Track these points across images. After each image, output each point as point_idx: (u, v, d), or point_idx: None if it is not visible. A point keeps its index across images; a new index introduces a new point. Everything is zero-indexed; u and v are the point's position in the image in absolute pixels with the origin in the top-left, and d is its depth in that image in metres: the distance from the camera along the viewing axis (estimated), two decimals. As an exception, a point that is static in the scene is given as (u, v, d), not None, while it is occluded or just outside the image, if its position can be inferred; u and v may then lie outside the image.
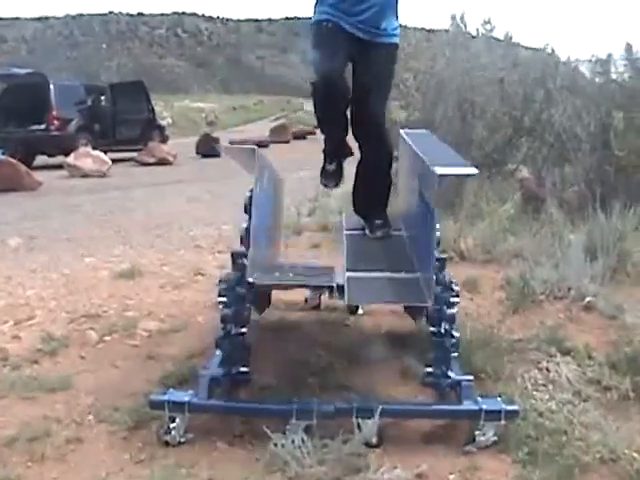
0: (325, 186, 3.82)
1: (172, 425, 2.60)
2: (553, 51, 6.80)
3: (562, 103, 7.16)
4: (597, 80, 6.76)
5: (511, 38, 8.69)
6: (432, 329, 2.80)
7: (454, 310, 2.83)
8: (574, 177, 6.53)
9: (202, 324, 3.91)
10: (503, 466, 2.59)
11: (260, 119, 44.75)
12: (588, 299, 4.15)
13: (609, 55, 7.13)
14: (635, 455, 2.63)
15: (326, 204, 7.58)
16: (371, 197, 3.64)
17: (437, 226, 2.69)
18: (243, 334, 2.72)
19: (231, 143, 20.52)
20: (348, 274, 2.89)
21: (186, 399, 2.60)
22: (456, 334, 2.82)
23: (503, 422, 2.67)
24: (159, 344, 3.58)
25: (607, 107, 6.25)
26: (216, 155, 18.00)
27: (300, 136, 27.75)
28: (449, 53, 5.67)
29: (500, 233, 5.36)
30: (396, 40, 3.54)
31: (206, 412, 2.71)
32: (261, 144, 23.08)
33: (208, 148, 17.77)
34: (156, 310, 4.09)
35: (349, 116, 3.51)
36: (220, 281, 4.17)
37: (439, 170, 2.49)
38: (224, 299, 2.73)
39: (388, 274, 2.95)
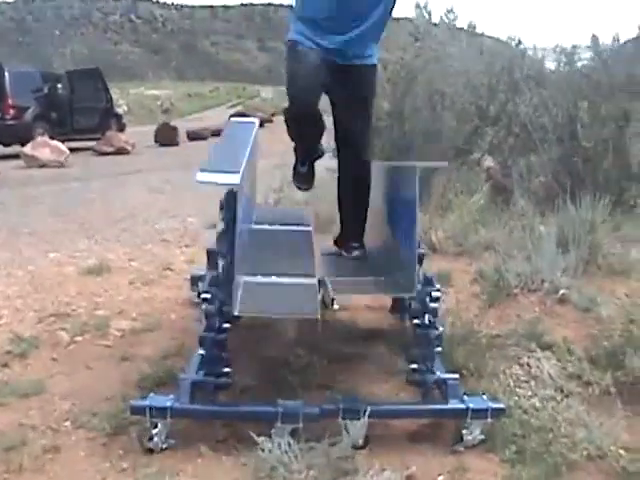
0: (299, 188, 3.75)
1: (154, 431, 2.51)
2: (520, 41, 6.80)
3: (528, 93, 7.20)
4: (563, 70, 6.79)
5: (474, 27, 8.73)
6: (416, 321, 2.77)
7: (437, 304, 2.80)
8: (541, 168, 6.56)
9: (175, 322, 3.83)
10: (491, 466, 2.57)
11: (216, 106, 44.32)
12: (562, 292, 4.16)
13: (574, 46, 7.19)
14: (621, 452, 2.64)
15: (292, 195, 7.51)
16: (349, 218, 3.57)
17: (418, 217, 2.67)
18: (226, 330, 2.63)
19: (189, 132, 20.36)
20: (330, 278, 2.86)
21: (168, 404, 2.52)
22: (440, 327, 2.79)
23: (490, 420, 2.65)
24: (132, 344, 3.48)
25: (573, 98, 6.27)
26: (174, 144, 17.82)
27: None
28: (420, 43, 5.64)
29: (471, 225, 5.35)
30: (375, 61, 3.43)
31: (189, 417, 2.63)
32: (219, 132, 22.97)
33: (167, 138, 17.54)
34: (127, 308, 3.99)
35: (334, 136, 3.48)
36: (192, 278, 4.13)
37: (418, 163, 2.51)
38: (207, 295, 2.64)
39: (368, 278, 2.92)
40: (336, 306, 3.95)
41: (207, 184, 2.45)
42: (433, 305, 2.77)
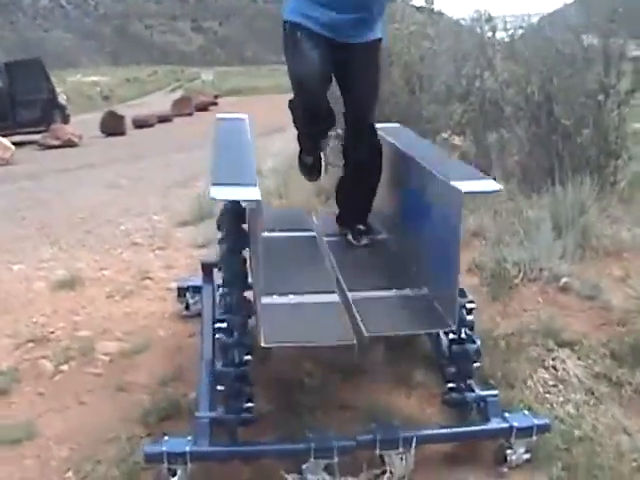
0: (308, 180, 3.54)
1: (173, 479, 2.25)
2: (490, 17, 6.59)
3: (498, 69, 7.04)
4: (535, 45, 6.62)
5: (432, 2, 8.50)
6: (451, 337, 2.54)
7: (472, 316, 2.58)
8: (518, 146, 6.41)
9: (165, 340, 3.54)
10: (541, 486, 2.38)
11: (157, 90, 43.52)
12: (564, 280, 4.01)
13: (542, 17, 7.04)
14: (673, 461, 2.48)
15: (260, 184, 7.23)
16: (357, 201, 3.36)
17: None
18: (247, 362, 2.36)
19: (135, 120, 19.82)
20: (353, 294, 2.59)
21: (187, 448, 2.25)
22: (477, 341, 2.58)
23: (535, 438, 2.46)
24: (125, 370, 3.19)
25: (548, 74, 6.11)
26: (121, 133, 17.30)
27: (202, 108, 27.12)
28: (397, 25, 5.40)
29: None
30: (379, 35, 3.18)
31: (210, 460, 2.37)
32: (165, 118, 22.45)
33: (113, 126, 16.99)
34: (110, 326, 3.68)
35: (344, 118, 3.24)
36: (179, 289, 3.84)
37: (464, 187, 2.34)
38: (223, 325, 2.36)
39: (394, 292, 2.66)
40: None
41: (223, 201, 2.18)
42: (469, 318, 2.54)
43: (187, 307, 3.80)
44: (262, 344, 2.23)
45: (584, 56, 6.01)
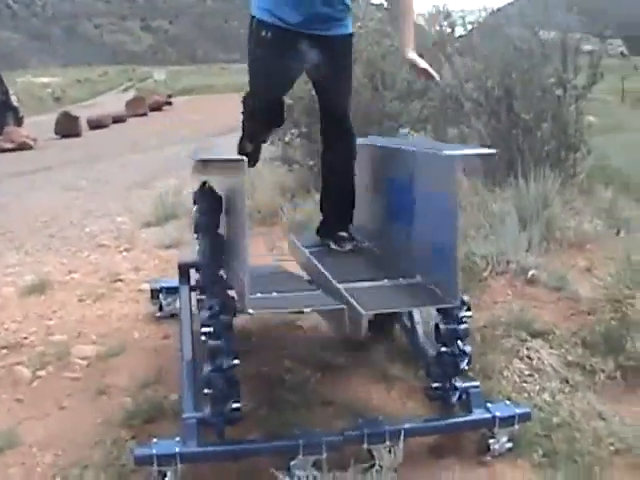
0: None
1: (163, 482, 2.25)
2: (449, 13, 6.69)
3: (456, 64, 7.12)
4: (492, 40, 6.73)
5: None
6: (443, 349, 2.54)
7: (466, 325, 2.58)
8: (480, 141, 6.50)
9: (141, 342, 3.52)
10: (524, 473, 2.45)
11: (108, 91, 42.99)
12: (532, 272, 4.09)
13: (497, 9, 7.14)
14: (648, 444, 2.56)
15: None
16: (337, 206, 3.28)
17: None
18: (235, 366, 2.37)
19: (90, 120, 19.56)
20: (344, 285, 2.55)
21: (177, 450, 2.25)
22: (468, 350, 2.58)
23: (517, 427, 2.52)
24: (103, 373, 3.16)
25: (507, 69, 6.21)
26: (76, 134, 17.05)
27: (156, 108, 26.92)
28: (360, 23, 5.43)
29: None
30: (350, 29, 3.15)
31: (200, 461, 2.37)
32: (119, 119, 22.21)
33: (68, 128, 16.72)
34: (84, 330, 3.65)
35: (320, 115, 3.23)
36: (152, 290, 3.81)
37: (456, 152, 2.33)
38: (209, 329, 2.36)
39: (386, 281, 2.63)
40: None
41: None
42: (463, 327, 2.54)
43: (161, 308, 3.78)
44: (249, 311, 2.21)
45: (542, 51, 6.13)
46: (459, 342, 2.51)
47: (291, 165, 6.36)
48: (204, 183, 2.85)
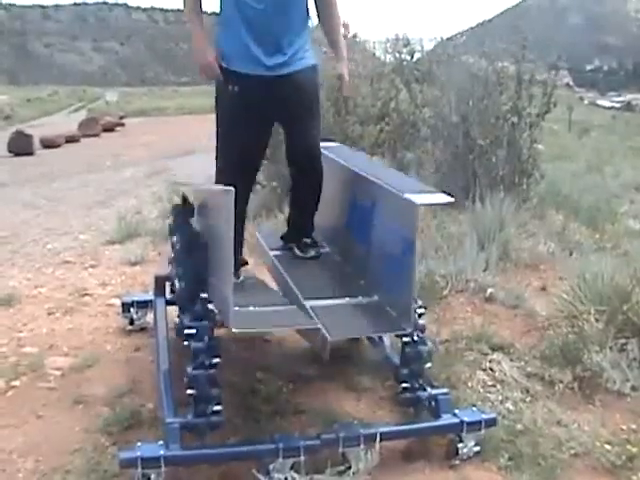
0: None
1: (147, 484, 2.31)
2: (408, 42, 6.91)
3: (414, 90, 7.36)
4: (449, 68, 6.97)
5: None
6: (405, 340, 2.70)
7: (423, 320, 2.76)
8: (437, 165, 6.71)
9: (113, 354, 3.57)
10: (491, 475, 2.57)
11: (58, 111, 42.43)
12: (490, 290, 4.27)
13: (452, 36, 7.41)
14: (607, 447, 2.72)
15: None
16: (301, 218, 3.47)
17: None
18: (216, 365, 2.46)
19: (43, 139, 19.32)
20: (310, 303, 2.73)
21: (161, 452, 2.32)
22: (429, 343, 2.76)
23: (483, 431, 2.65)
24: (78, 384, 3.20)
25: (465, 95, 6.45)
26: (30, 153, 16.84)
27: (109, 128, 26.71)
28: (326, 49, 5.57)
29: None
30: (313, 61, 3.25)
31: (183, 464, 2.44)
32: (72, 139, 22.01)
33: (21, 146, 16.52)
34: (56, 342, 3.68)
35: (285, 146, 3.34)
36: (123, 304, 3.86)
37: (418, 199, 2.53)
38: (192, 331, 2.45)
39: (347, 300, 2.82)
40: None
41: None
42: (420, 322, 2.72)
43: (132, 322, 3.84)
44: (232, 329, 2.34)
45: (497, 80, 6.39)
46: (419, 333, 2.71)
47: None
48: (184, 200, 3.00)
